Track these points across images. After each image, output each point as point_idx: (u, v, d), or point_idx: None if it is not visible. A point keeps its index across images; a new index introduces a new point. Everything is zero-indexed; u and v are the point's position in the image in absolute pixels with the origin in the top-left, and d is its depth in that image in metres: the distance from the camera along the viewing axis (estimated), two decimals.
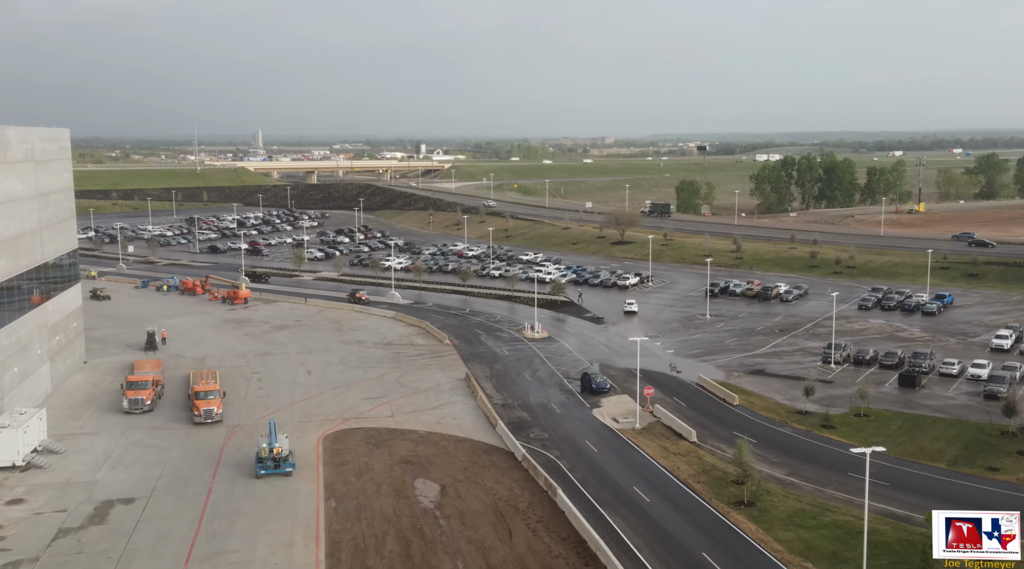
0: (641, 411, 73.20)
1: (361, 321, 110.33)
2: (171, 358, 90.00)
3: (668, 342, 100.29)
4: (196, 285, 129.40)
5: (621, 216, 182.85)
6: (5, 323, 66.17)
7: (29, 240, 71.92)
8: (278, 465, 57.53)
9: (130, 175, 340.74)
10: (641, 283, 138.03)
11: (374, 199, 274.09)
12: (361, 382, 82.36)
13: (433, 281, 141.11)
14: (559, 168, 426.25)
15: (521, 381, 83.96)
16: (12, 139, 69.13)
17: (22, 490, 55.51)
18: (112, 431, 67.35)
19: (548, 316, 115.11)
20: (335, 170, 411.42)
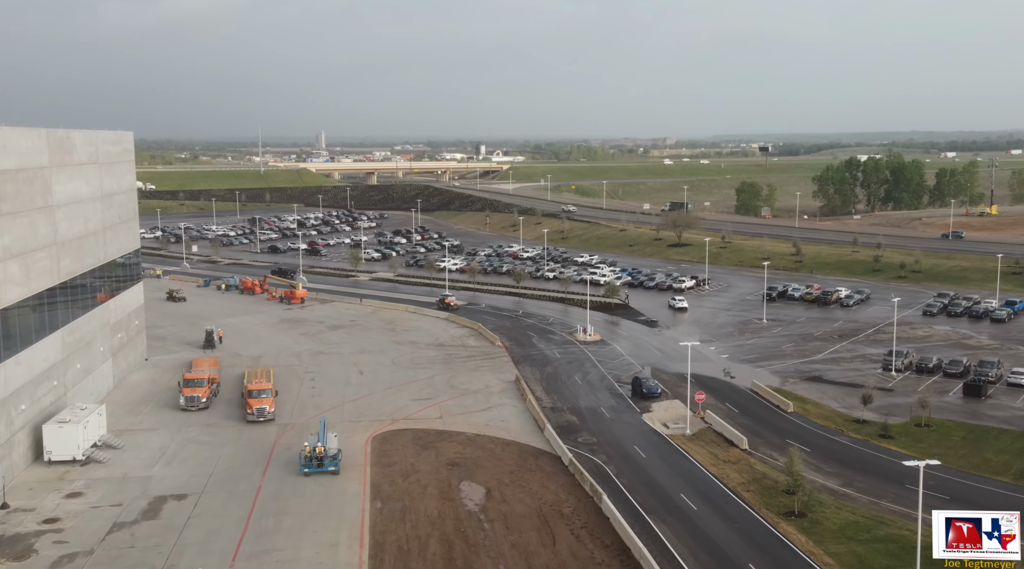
0: (692, 417, 72.15)
1: (414, 322, 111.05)
2: (228, 356, 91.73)
3: (723, 347, 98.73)
4: (255, 285, 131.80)
5: (678, 218, 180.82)
6: (69, 320, 68.16)
7: (93, 240, 74.00)
8: (321, 464, 58.21)
9: (196, 176, 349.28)
10: (697, 286, 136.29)
11: (432, 200, 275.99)
12: (412, 383, 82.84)
13: (487, 282, 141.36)
14: (618, 169, 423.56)
15: (571, 384, 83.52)
16: (78, 142, 71.23)
17: (81, 484, 57.09)
18: (168, 427, 68.89)
19: (601, 319, 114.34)
20: (395, 171, 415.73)
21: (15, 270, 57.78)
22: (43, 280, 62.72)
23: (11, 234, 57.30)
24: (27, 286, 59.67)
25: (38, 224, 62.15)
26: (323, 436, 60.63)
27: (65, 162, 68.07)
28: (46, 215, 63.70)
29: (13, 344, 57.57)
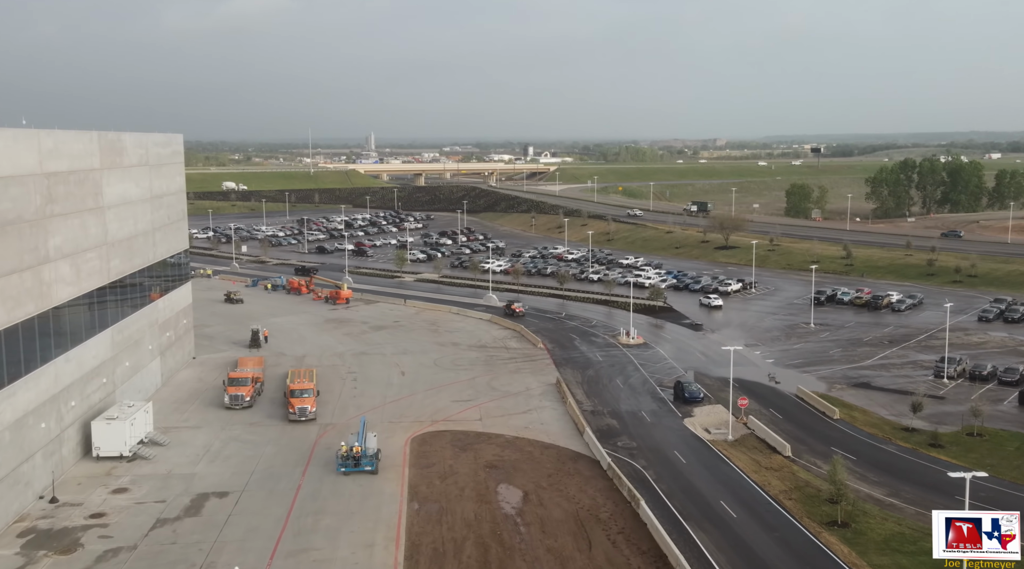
0: (734, 422, 71.15)
1: (457, 324, 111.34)
2: (272, 356, 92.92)
3: (768, 351, 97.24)
4: (301, 285, 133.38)
5: (726, 220, 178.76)
6: (118, 319, 69.62)
7: (142, 240, 75.49)
8: (357, 463, 58.65)
9: (248, 177, 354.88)
10: (744, 289, 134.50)
11: (478, 201, 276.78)
12: (453, 384, 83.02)
13: (531, 284, 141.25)
14: (665, 171, 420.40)
15: (612, 388, 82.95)
16: (128, 144, 72.74)
17: (127, 480, 58.23)
18: (213, 426, 69.98)
19: (645, 322, 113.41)
20: (442, 173, 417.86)
21: (66, 270, 59.16)
22: (93, 279, 64.14)
23: (62, 234, 58.67)
24: (77, 285, 61.07)
25: (89, 225, 63.58)
26: (362, 436, 61.06)
27: (115, 164, 69.57)
28: (96, 216, 65.15)
29: (64, 342, 58.97)
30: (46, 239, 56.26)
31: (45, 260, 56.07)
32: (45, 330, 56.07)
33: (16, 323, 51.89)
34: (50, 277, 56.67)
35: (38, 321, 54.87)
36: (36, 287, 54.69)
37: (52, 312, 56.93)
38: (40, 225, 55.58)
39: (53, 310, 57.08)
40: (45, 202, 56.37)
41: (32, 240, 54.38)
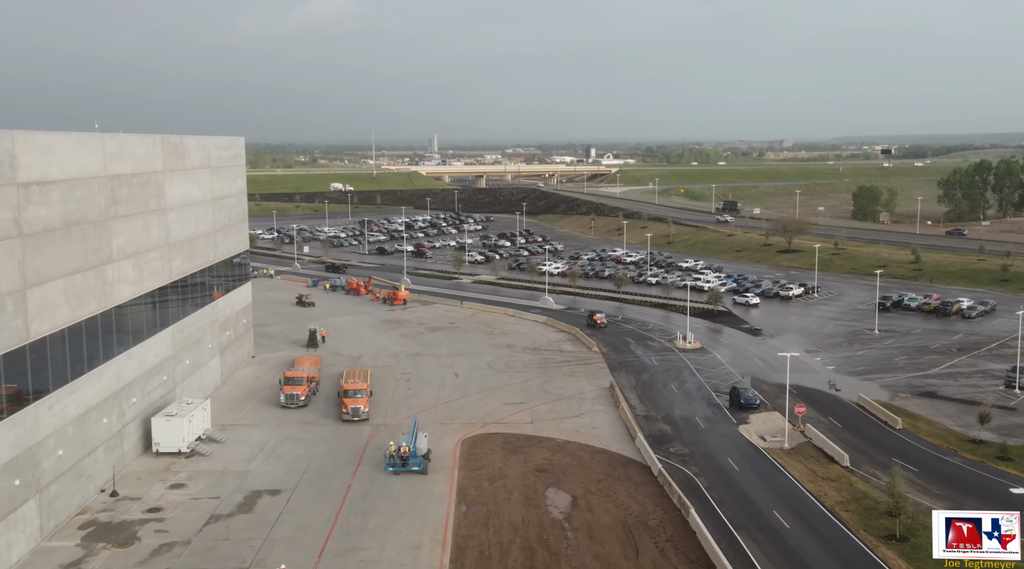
0: (791, 430, 69.64)
1: (512, 326, 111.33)
2: (329, 355, 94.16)
3: (829, 358, 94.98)
4: (360, 285, 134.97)
5: (788, 223, 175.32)
6: (179, 318, 71.32)
7: (203, 241, 77.22)
8: (405, 463, 59.05)
9: (312, 179, 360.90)
10: (806, 294, 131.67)
11: (538, 203, 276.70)
12: (506, 387, 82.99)
13: (588, 287, 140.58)
14: (728, 173, 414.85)
15: (667, 393, 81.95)
16: (190, 147, 74.50)
17: (184, 476, 59.56)
18: (268, 424, 71.16)
19: (703, 326, 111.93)
20: (503, 174, 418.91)
21: (128, 269, 60.81)
22: (155, 279, 65.83)
23: (125, 235, 60.32)
24: (140, 285, 62.72)
25: (151, 226, 65.26)
26: (412, 436, 61.43)
27: (178, 167, 71.29)
28: (159, 217, 66.84)
29: (125, 339, 60.61)
30: (109, 239, 57.90)
31: (108, 260, 57.71)
32: (108, 328, 57.68)
33: (79, 321, 53.50)
34: (113, 276, 58.31)
35: (101, 319, 56.49)
36: (99, 286, 56.31)
37: (115, 311, 58.55)
38: (104, 226, 57.22)
39: (116, 309, 58.70)
40: (109, 204, 58.02)
41: (96, 240, 56.02)
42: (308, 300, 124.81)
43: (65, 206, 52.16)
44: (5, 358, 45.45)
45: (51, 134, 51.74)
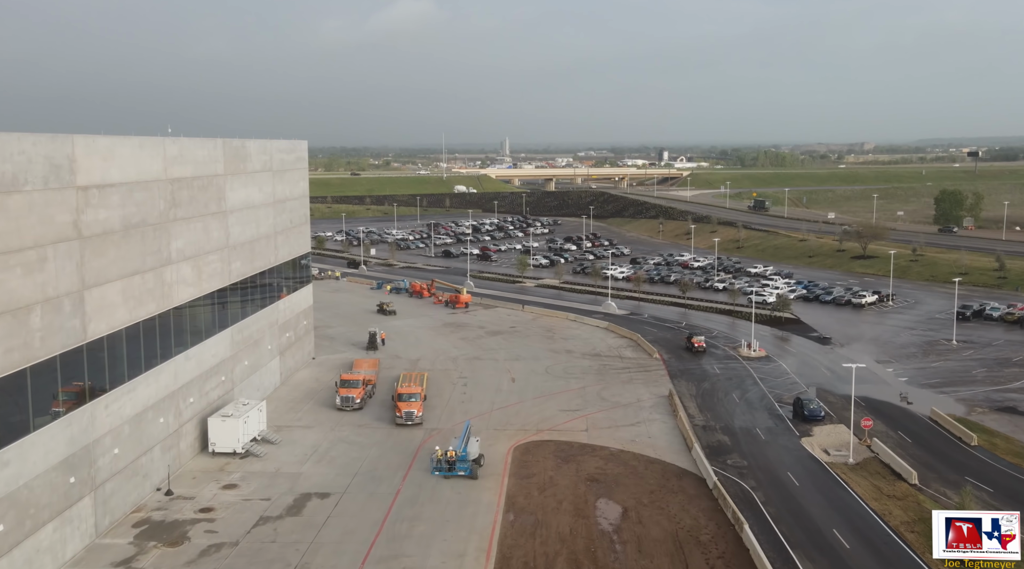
0: (856, 444, 66.93)
1: (573, 331, 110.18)
2: (388, 358, 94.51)
3: (902, 369, 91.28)
4: (423, 288, 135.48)
5: (863, 228, 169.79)
6: (238, 319, 72.32)
7: (264, 243, 78.24)
8: (452, 467, 58.67)
9: (384, 182, 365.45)
10: (880, 302, 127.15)
11: (606, 207, 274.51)
12: (562, 393, 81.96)
13: (652, 292, 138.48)
14: (805, 176, 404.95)
15: (727, 402, 79.78)
16: (252, 151, 75.56)
17: (238, 476, 60.19)
18: (324, 426, 71.57)
19: (769, 334, 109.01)
20: (573, 178, 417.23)
21: (187, 271, 61.81)
22: (214, 281, 66.82)
23: (184, 238, 61.33)
24: (198, 286, 63.70)
25: (211, 228, 66.28)
26: (462, 440, 61.03)
27: (239, 170, 72.33)
28: (219, 220, 67.86)
29: (184, 340, 61.60)
30: (168, 242, 58.91)
31: (167, 262, 58.71)
32: (166, 329, 58.70)
33: (137, 322, 54.49)
34: (171, 278, 59.31)
35: (159, 320, 57.49)
36: (158, 288, 57.31)
37: (173, 312, 59.53)
38: (163, 228, 58.24)
39: (174, 310, 59.68)
40: (169, 206, 59.05)
41: (155, 243, 57.03)
42: (389, 308, 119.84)
43: (125, 209, 53.19)
44: (62, 358, 46.45)
45: (112, 138, 52.78)
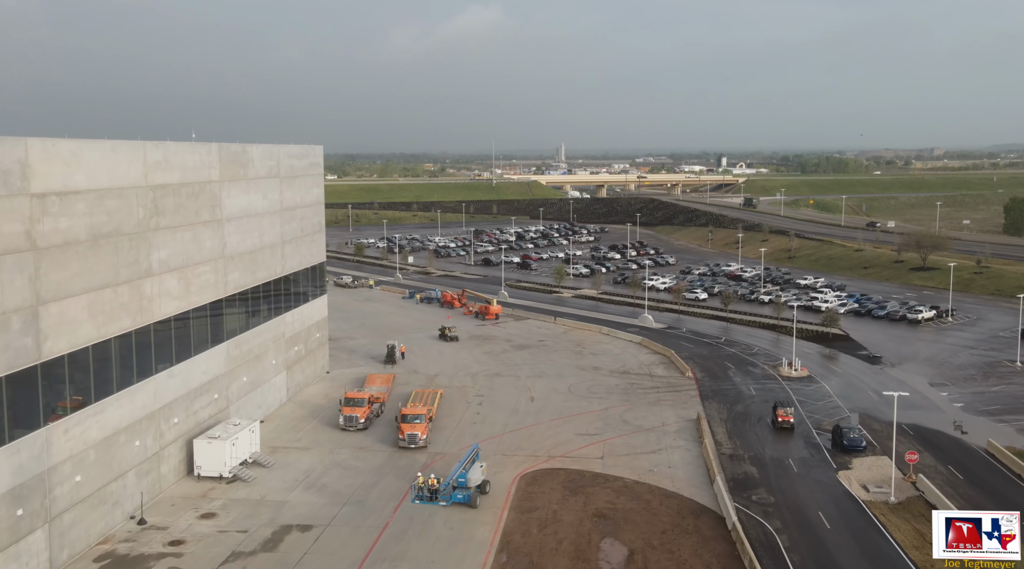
0: (899, 480, 60.34)
1: (604, 346, 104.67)
2: (405, 373, 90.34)
3: (957, 393, 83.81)
4: (454, 298, 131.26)
5: (923, 237, 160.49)
6: (236, 333, 68.80)
7: (269, 253, 74.70)
8: (433, 497, 54.05)
9: (432, 188, 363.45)
10: (938, 317, 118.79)
11: (655, 214, 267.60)
12: (582, 414, 76.67)
13: (694, 304, 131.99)
14: (867, 182, 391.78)
15: (760, 428, 73.57)
16: (255, 156, 72.10)
17: (219, 504, 56.36)
18: (322, 448, 67.50)
19: (815, 351, 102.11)
20: (626, 184, 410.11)
21: (172, 284, 58.33)
22: (206, 293, 63.30)
23: (169, 248, 57.87)
24: (186, 299, 60.20)
25: (203, 238, 62.79)
26: (460, 465, 56.70)
27: (239, 176, 68.87)
28: (213, 229, 64.38)
29: (167, 357, 58.08)
30: (149, 252, 55.45)
31: (147, 274, 55.23)
32: (144, 345, 55.21)
33: (108, 339, 51.04)
34: (152, 291, 55.82)
35: (136, 336, 54.00)
36: (134, 301, 53.83)
37: (154, 327, 56.04)
38: (143, 238, 54.80)
39: (155, 325, 56.19)
40: (150, 215, 55.62)
41: (131, 254, 53.58)
42: (452, 334, 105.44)
43: (93, 218, 49.78)
44: (9, 379, 43.02)
45: (78, 142, 49.43)
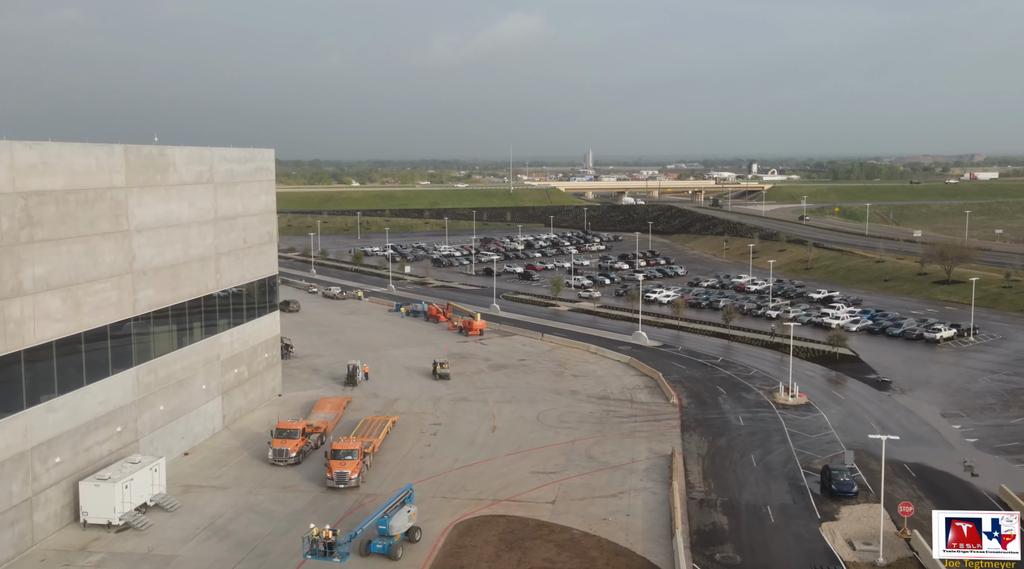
0: (892, 535, 51.61)
1: (588, 366, 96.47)
2: (364, 397, 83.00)
3: (972, 425, 74.62)
4: (439, 312, 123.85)
5: (947, 248, 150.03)
6: (150, 357, 61.80)
7: (198, 267, 67.76)
8: (328, 552, 46.28)
9: (448, 195, 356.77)
10: (959, 337, 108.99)
11: (672, 222, 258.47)
12: (545, 448, 68.67)
13: (696, 319, 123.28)
14: (898, 190, 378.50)
15: (742, 466, 65.05)
16: (177, 160, 65.22)
17: (95, 559, 49.15)
18: (242, 487, 60.18)
19: (820, 374, 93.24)
20: (650, 191, 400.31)
21: (54, 304, 51.42)
22: (106, 313, 56.33)
23: (48, 263, 51.01)
24: (74, 321, 53.27)
25: (101, 251, 55.88)
26: (382, 510, 49.23)
27: (155, 182, 62.00)
28: (116, 241, 57.45)
29: (46, 388, 51.18)
30: (17, 269, 48.60)
31: (15, 294, 48.37)
32: (12, 376, 48.32)
33: None
34: (23, 313, 48.94)
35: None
36: None
37: (25, 354, 49.15)
38: (9, 253, 47.96)
39: (27, 352, 49.29)
40: (20, 226, 48.79)
41: None
42: (443, 370, 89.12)
43: None
44: None
45: None
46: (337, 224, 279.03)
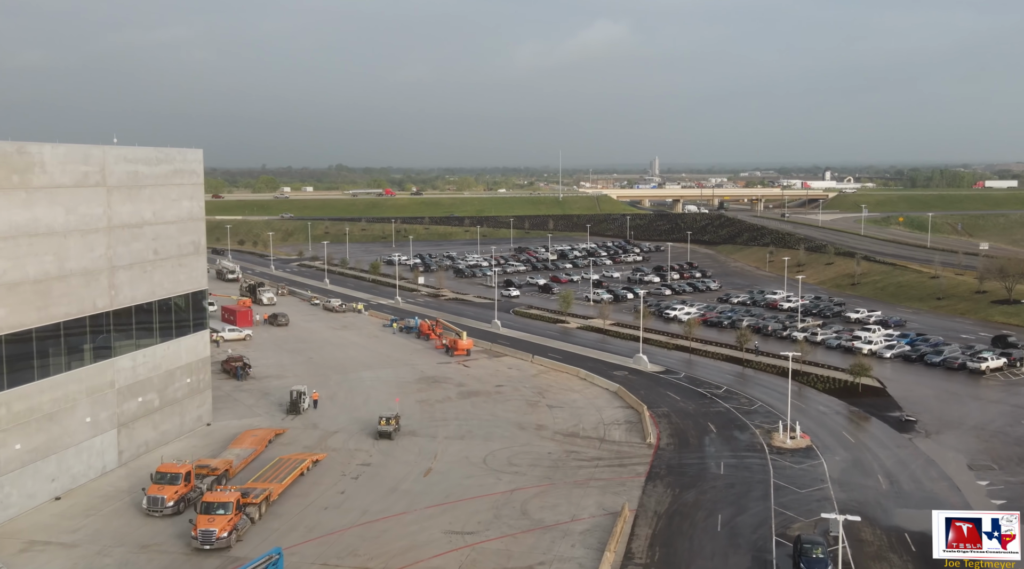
0: None
1: (570, 395, 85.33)
2: (301, 428, 73.65)
3: (1003, 482, 61.22)
4: (430, 329, 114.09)
5: (1008, 263, 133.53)
6: (2, 388, 53.38)
7: (79, 282, 59.30)
8: None
9: (495, 202, 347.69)
10: (1009, 367, 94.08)
11: (720, 232, 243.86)
12: (476, 499, 58.02)
13: (713, 340, 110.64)
14: (974, 198, 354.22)
15: (703, 530, 53.26)
16: (46, 159, 56.84)
17: None
18: (94, 545, 51.07)
19: (835, 409, 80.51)
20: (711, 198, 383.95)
21: None
22: None
23: None
24: None
25: None
26: None
27: (9, 184, 53.70)
28: None
29: None
30: None
31: None
32: None
33: None
34: None
35: None
36: None
37: None
38: None
39: None
40: None
41: None
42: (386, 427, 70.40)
43: None
44: None
45: None
46: (375, 232, 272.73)
